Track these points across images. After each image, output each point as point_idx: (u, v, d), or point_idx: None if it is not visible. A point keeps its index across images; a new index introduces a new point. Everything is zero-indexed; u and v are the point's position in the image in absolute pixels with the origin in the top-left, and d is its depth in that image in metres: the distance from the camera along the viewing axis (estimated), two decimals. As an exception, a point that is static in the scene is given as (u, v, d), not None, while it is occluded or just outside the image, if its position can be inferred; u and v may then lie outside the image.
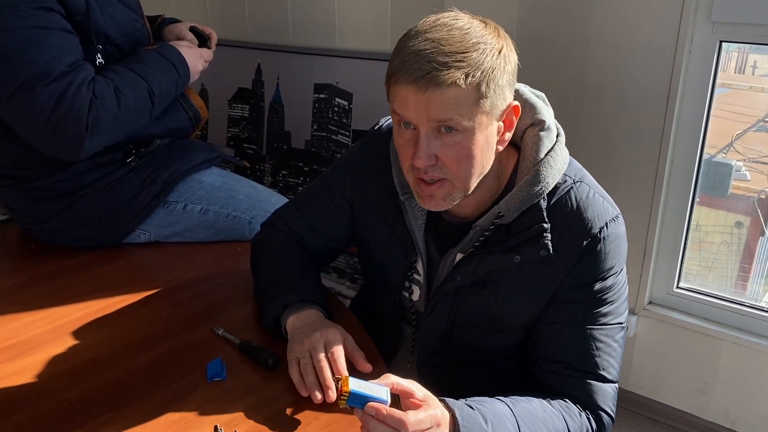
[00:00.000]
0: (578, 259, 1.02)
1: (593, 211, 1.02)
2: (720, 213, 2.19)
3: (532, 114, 1.05)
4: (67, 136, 1.27)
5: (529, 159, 1.02)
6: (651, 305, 1.95)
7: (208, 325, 1.19)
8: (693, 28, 1.66)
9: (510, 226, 1.03)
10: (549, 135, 1.03)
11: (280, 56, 2.42)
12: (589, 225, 1.01)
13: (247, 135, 2.54)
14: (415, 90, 0.90)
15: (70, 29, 1.29)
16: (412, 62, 0.90)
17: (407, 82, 0.90)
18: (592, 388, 1.05)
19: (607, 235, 1.02)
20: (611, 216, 1.03)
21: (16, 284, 1.36)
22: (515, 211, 1.01)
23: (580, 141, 1.87)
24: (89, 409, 0.99)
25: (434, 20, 0.95)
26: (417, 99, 0.90)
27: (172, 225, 1.51)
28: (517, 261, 1.02)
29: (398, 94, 0.93)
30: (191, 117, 1.57)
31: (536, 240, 1.01)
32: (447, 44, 0.90)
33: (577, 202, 1.02)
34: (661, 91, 1.73)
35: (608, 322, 1.05)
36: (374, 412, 0.84)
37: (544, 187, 1.01)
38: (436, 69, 0.89)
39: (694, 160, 1.78)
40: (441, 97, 0.90)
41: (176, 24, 1.62)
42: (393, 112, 0.96)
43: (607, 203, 1.05)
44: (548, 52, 1.84)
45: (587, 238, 1.01)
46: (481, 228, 1.04)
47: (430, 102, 0.90)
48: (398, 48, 0.94)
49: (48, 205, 1.43)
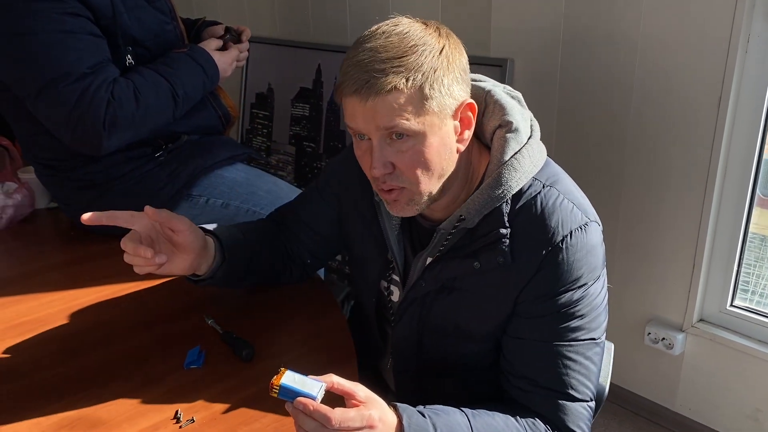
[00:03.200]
0: (538, 268, 0.96)
1: (558, 217, 0.96)
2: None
3: (500, 115, 1.01)
4: (86, 133, 1.36)
5: (494, 161, 0.99)
6: (701, 323, 1.81)
7: (202, 314, 1.24)
8: (749, 26, 1.53)
9: (474, 230, 1.00)
10: (516, 137, 0.99)
11: (338, 56, 2.46)
12: (551, 233, 0.95)
13: (307, 133, 2.60)
14: (358, 100, 0.90)
15: (97, 33, 1.38)
16: (352, 73, 0.90)
17: (350, 94, 0.90)
18: (561, 407, 1.00)
19: (571, 245, 0.95)
20: (578, 224, 0.96)
21: (47, 266, 1.48)
22: (476, 214, 0.98)
23: (626, 143, 1.78)
24: (71, 386, 1.06)
25: (375, 29, 0.94)
26: (362, 109, 0.90)
27: (196, 218, 1.56)
28: (476, 267, 0.99)
29: (346, 107, 0.93)
30: (221, 116, 1.63)
31: (494, 246, 0.97)
32: (384, 51, 0.89)
33: (542, 207, 0.97)
34: (713, 92, 1.61)
35: (578, 337, 0.99)
36: (302, 407, 0.84)
37: (506, 191, 0.97)
38: (374, 77, 0.88)
39: (751, 166, 1.65)
40: (384, 104, 0.89)
41: (213, 26, 1.69)
42: (346, 125, 0.95)
43: (577, 210, 0.97)
44: (596, 52, 1.77)
45: (547, 247, 0.95)
46: (445, 231, 1.02)
47: (374, 110, 0.89)
48: (342, 61, 0.94)
49: (83, 194, 1.54)
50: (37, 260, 1.51)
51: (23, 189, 1.71)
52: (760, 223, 1.77)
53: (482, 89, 1.03)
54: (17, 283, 1.38)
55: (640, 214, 1.81)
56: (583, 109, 1.84)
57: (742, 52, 1.56)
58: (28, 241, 1.64)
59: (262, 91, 2.75)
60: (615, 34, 1.72)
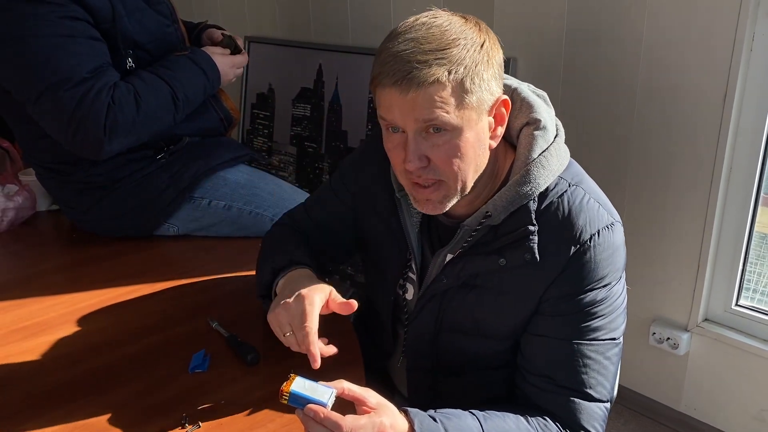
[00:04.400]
0: (565, 267, 0.96)
1: (585, 217, 0.96)
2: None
3: (528, 113, 1.01)
4: (87, 137, 1.35)
5: (522, 158, 0.98)
6: (706, 322, 1.81)
7: (206, 318, 1.23)
8: (754, 26, 1.53)
9: (498, 227, 0.99)
10: (544, 135, 0.99)
11: (339, 56, 2.45)
12: (579, 232, 0.96)
13: (308, 134, 2.59)
14: (397, 92, 0.88)
15: (96, 36, 1.37)
16: (392, 64, 0.88)
17: (389, 85, 0.88)
18: (576, 406, 0.99)
19: (598, 244, 0.96)
20: (605, 223, 0.97)
21: (51, 268, 1.47)
22: (503, 211, 0.97)
23: (631, 142, 1.77)
24: (75, 391, 1.05)
25: (413, 21, 0.93)
26: (401, 101, 0.88)
27: (198, 220, 1.57)
28: (501, 264, 0.98)
29: (382, 98, 0.91)
30: (222, 118, 1.62)
31: (521, 243, 0.97)
32: (426, 43, 0.88)
33: (569, 206, 0.97)
34: (718, 92, 1.60)
35: (599, 337, 0.99)
36: (312, 414, 0.84)
37: (534, 188, 0.96)
38: (416, 68, 0.86)
39: (756, 165, 1.64)
40: (425, 97, 0.87)
41: (212, 30, 1.68)
42: (380, 117, 0.93)
43: (603, 210, 0.98)
44: (599, 50, 1.76)
45: (576, 245, 0.95)
46: (469, 228, 1.01)
47: (414, 103, 0.88)
48: (379, 52, 0.92)
49: (85, 197, 1.53)
50: (39, 263, 1.50)
51: (24, 191, 1.70)
52: (762, 221, 1.76)
53: (509, 87, 1.03)
54: (19, 287, 1.38)
55: (644, 213, 1.81)
56: (587, 108, 1.83)
57: (747, 50, 1.55)
58: (29, 243, 1.63)
59: (262, 92, 2.74)
60: (619, 32, 1.71)
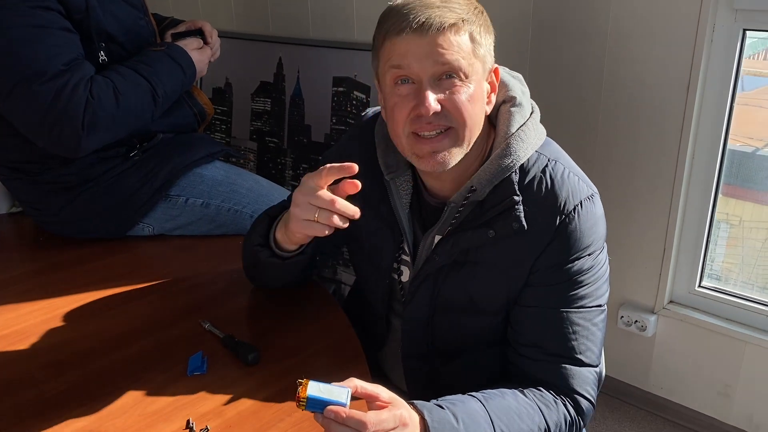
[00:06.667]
0: (552, 237, 1.00)
1: (567, 189, 1.01)
2: (765, 208, 2.09)
3: (504, 92, 1.06)
4: (63, 134, 1.29)
5: (501, 134, 1.03)
6: (671, 304, 1.87)
7: (197, 319, 1.20)
8: (714, 17, 1.59)
9: (483, 203, 1.02)
10: (521, 111, 1.04)
11: (300, 50, 2.41)
12: (563, 202, 1.00)
13: (269, 128, 2.55)
14: (417, 37, 0.91)
15: (69, 28, 1.31)
16: (410, 11, 0.92)
17: (406, 31, 0.91)
18: (568, 372, 1.03)
19: (581, 214, 1.01)
20: (586, 194, 1.02)
21: (20, 275, 1.40)
22: (487, 184, 1.01)
23: (597, 132, 1.81)
24: (68, 400, 1.01)
25: None
26: (418, 46, 0.92)
27: (175, 219, 1.52)
28: (491, 236, 1.01)
29: (396, 47, 0.93)
30: (196, 114, 1.59)
31: (508, 213, 1.00)
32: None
33: (551, 179, 1.01)
34: (681, 82, 1.65)
35: (586, 304, 1.04)
36: (333, 416, 0.82)
37: (514, 160, 1.00)
38: (435, 13, 0.91)
39: (717, 152, 1.71)
40: (444, 39, 0.92)
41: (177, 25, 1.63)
42: (391, 68, 0.95)
43: (582, 183, 1.03)
44: (565, 42, 1.79)
45: (561, 216, 1.00)
46: (456, 205, 1.04)
47: (432, 46, 0.92)
48: (386, 12, 0.96)
49: (55, 198, 1.47)
50: (7, 269, 1.42)
51: (-18, 194, 1.62)
52: (720, 209, 1.84)
53: None
54: (-11, 294, 1.31)
55: (611, 200, 1.85)
56: (554, 98, 1.86)
57: (708, 41, 1.61)
58: (-8, 249, 1.56)
59: (219, 86, 2.68)
60: (584, 23, 1.74)
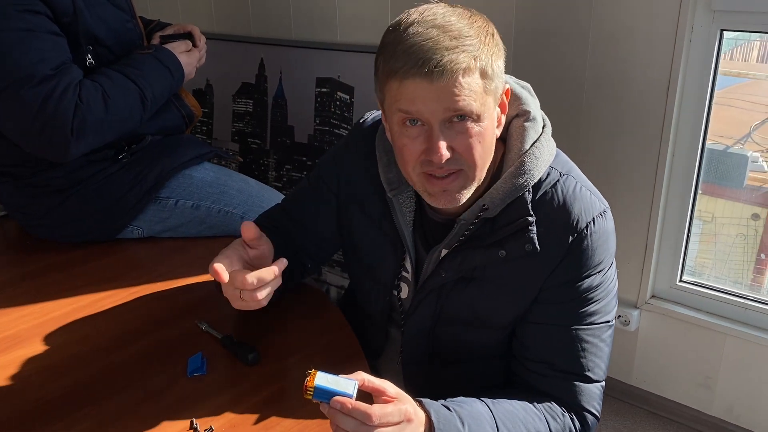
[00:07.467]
0: (564, 255, 0.98)
1: (580, 205, 0.99)
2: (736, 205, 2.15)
3: (517, 105, 1.02)
4: (53, 139, 1.28)
5: (515, 150, 1.00)
6: (654, 299, 1.92)
7: (193, 320, 1.20)
8: (693, 18, 1.63)
9: (495, 220, 1.00)
10: (534, 126, 1.01)
11: (282, 51, 2.41)
12: (576, 220, 0.98)
13: (251, 130, 2.55)
14: (426, 82, 0.86)
15: (57, 31, 1.30)
16: (417, 54, 0.86)
17: (415, 75, 0.86)
18: (577, 389, 1.03)
19: (594, 231, 0.99)
20: (598, 211, 1.00)
21: (9, 279, 1.38)
22: (500, 203, 0.98)
23: (580, 133, 1.85)
24: (68, 405, 1.00)
25: (422, 10, 0.92)
26: (427, 91, 0.87)
27: (165, 221, 1.52)
28: (502, 256, 1.00)
29: (405, 92, 0.88)
30: (184, 116, 1.58)
31: (521, 234, 0.98)
32: (449, 31, 0.87)
33: (563, 195, 0.99)
34: (661, 82, 1.69)
35: (595, 321, 1.02)
36: (339, 406, 0.83)
37: (528, 179, 0.98)
38: (444, 56, 0.85)
39: (696, 150, 1.75)
40: (455, 84, 0.86)
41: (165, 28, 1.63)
42: (399, 111, 0.91)
43: (594, 197, 1.01)
44: (547, 44, 1.82)
45: (573, 234, 0.98)
46: (466, 222, 1.01)
47: (442, 91, 0.87)
48: (388, 45, 0.90)
49: (43, 201, 1.45)
50: (-4, 273, 1.41)
51: (-36, 198, 1.59)
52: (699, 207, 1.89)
53: None
54: (-24, 300, 1.29)
55: (594, 199, 1.89)
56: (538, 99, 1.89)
57: (687, 42, 1.65)
58: (-23, 253, 1.53)
59: (199, 87, 2.66)
60: (566, 25, 1.77)
